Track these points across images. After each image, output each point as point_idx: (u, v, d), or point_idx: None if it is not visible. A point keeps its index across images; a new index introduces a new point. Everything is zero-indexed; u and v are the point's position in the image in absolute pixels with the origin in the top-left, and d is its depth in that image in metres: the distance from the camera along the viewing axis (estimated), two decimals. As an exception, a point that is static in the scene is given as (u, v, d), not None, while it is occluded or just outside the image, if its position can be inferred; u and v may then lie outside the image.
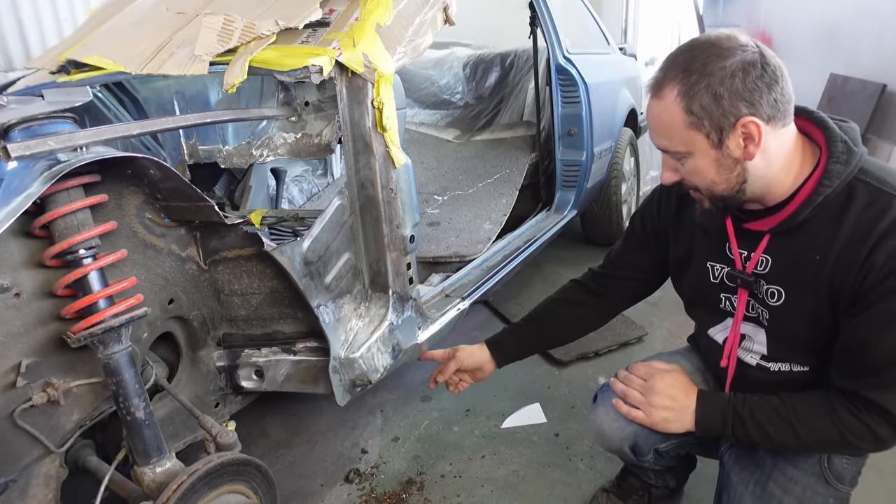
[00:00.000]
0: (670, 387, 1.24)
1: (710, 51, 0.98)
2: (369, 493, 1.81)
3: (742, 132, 0.99)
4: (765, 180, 1.05)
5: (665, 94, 1.02)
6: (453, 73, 3.88)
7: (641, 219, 1.42)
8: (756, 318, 1.21)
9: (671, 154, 1.08)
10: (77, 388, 1.18)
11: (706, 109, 0.98)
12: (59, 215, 1.07)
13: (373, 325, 1.62)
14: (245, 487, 1.28)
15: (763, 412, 1.13)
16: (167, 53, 1.52)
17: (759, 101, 0.97)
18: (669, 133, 1.04)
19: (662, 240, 1.37)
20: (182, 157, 2.07)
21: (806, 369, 1.18)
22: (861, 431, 1.05)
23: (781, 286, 1.13)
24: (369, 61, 1.46)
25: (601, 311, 1.55)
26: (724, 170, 1.04)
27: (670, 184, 1.13)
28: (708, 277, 1.25)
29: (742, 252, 1.17)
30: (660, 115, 1.05)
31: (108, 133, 1.13)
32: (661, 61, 1.06)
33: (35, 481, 1.16)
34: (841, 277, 1.03)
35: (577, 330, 1.57)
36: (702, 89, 0.97)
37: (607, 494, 1.65)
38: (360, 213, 1.57)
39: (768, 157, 1.02)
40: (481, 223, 2.76)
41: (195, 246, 1.43)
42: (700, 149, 1.03)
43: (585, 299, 1.53)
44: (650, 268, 1.44)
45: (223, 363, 1.58)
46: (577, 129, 2.89)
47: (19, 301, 1.09)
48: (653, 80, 1.05)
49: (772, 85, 0.97)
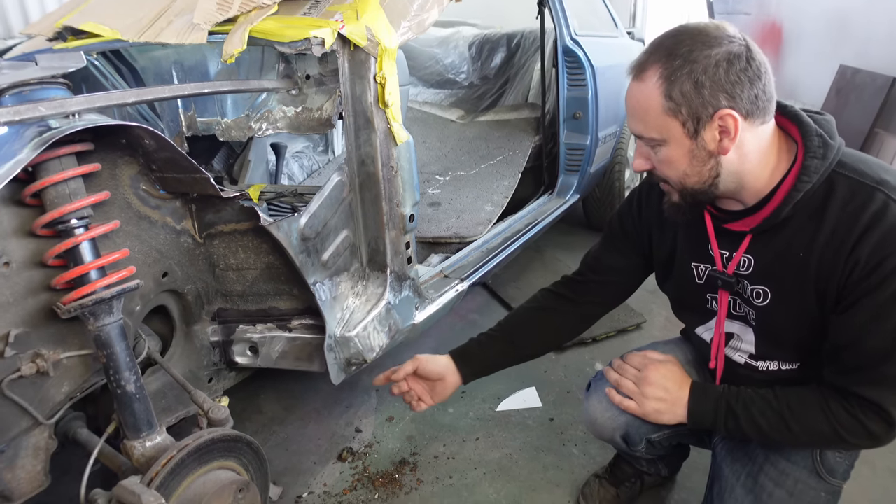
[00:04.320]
0: (664, 378, 1.22)
1: (697, 38, 0.96)
2: (362, 471, 1.80)
3: (719, 125, 0.97)
4: (738, 176, 1.02)
5: (646, 76, 0.99)
6: (459, 53, 3.83)
7: (621, 219, 1.37)
8: (743, 318, 1.19)
9: (645, 140, 1.05)
10: (67, 360, 1.17)
11: (686, 96, 0.96)
12: (51, 183, 1.05)
13: (370, 303, 1.60)
14: (236, 464, 1.28)
15: (756, 406, 1.12)
16: (165, 21, 1.48)
17: (740, 94, 0.95)
18: (645, 117, 1.02)
19: (645, 240, 1.34)
20: (180, 128, 2.04)
21: (794, 367, 1.17)
22: (854, 428, 1.04)
23: (766, 286, 1.11)
24: (372, 35, 1.43)
25: (577, 319, 1.45)
26: (697, 162, 1.01)
27: (641, 171, 1.11)
28: (693, 278, 1.23)
29: (723, 252, 1.15)
30: (637, 98, 1.02)
31: (101, 100, 1.10)
32: (648, 44, 1.03)
33: (24, 452, 1.16)
34: (826, 273, 1.01)
35: (550, 339, 1.45)
36: (684, 75, 0.95)
37: (600, 481, 1.64)
38: (360, 190, 1.54)
39: (743, 153, 1.00)
40: (482, 205, 2.74)
41: (191, 219, 1.40)
42: (674, 137, 1.00)
43: (560, 306, 1.43)
44: (629, 269, 1.39)
45: (217, 338, 1.56)
46: (583, 112, 2.86)
47: (8, 270, 1.07)
48: (635, 61, 1.02)
49: (754, 80, 0.95)
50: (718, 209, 1.13)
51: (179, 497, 1.14)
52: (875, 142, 4.86)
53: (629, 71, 1.03)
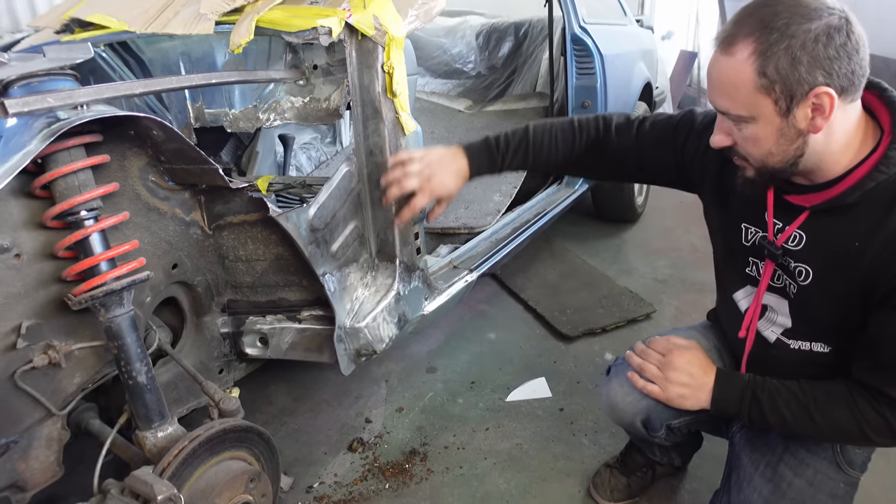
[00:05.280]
0: (689, 363, 1.20)
1: (795, 10, 0.89)
2: (372, 462, 1.81)
3: (813, 102, 0.92)
4: (821, 156, 0.98)
5: (737, 50, 0.92)
6: (466, 42, 3.80)
7: (686, 138, 1.28)
8: (782, 290, 1.15)
9: (731, 117, 1.00)
10: (79, 351, 1.17)
11: (781, 73, 0.90)
12: (60, 175, 1.05)
13: (379, 294, 1.60)
14: (247, 454, 1.28)
15: (781, 397, 1.10)
16: (172, 12, 1.48)
17: (838, 70, 0.89)
18: (734, 94, 0.95)
19: (695, 170, 1.27)
20: (188, 120, 2.04)
21: (827, 350, 1.14)
22: (880, 426, 1.03)
23: (810, 266, 1.08)
24: (380, 24, 1.41)
25: (590, 157, 1.39)
26: (785, 140, 0.96)
27: (720, 147, 1.05)
28: (740, 238, 1.20)
29: (777, 223, 1.11)
30: (727, 73, 0.95)
31: (109, 91, 1.10)
32: (735, 13, 0.96)
33: (37, 443, 1.16)
34: (880, 270, 0.98)
35: (560, 154, 1.39)
36: (780, 51, 0.89)
37: (611, 470, 1.64)
38: (368, 181, 1.54)
39: (831, 132, 0.95)
40: (491, 195, 2.72)
41: (200, 210, 1.40)
42: (764, 115, 0.95)
43: (583, 135, 1.38)
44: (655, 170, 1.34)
45: (227, 329, 1.57)
46: (592, 101, 2.83)
47: (19, 262, 1.07)
48: (723, 32, 0.96)
49: (853, 55, 0.90)
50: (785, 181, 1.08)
51: (191, 487, 1.15)
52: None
53: (715, 42, 0.97)
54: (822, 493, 1.17)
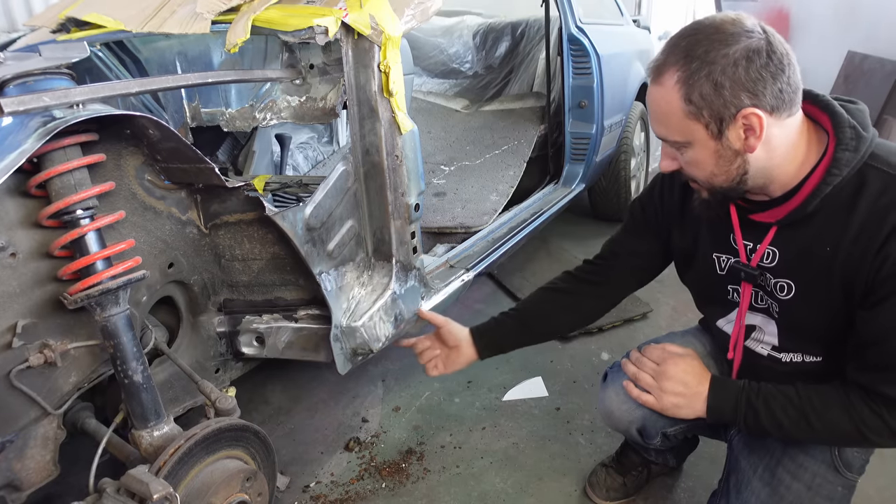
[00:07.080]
0: (683, 372, 1.20)
1: (714, 36, 0.93)
2: (369, 461, 1.81)
3: (743, 123, 0.94)
4: (767, 171, 1.01)
5: (664, 80, 0.97)
6: (463, 42, 3.80)
7: (642, 206, 1.36)
8: (766, 310, 1.17)
9: (670, 143, 1.04)
10: (74, 350, 1.17)
11: (706, 99, 0.93)
12: (56, 174, 1.05)
13: (375, 293, 1.60)
14: (243, 453, 1.28)
15: (777, 402, 1.10)
16: (169, 11, 1.48)
17: (763, 91, 0.92)
18: (667, 121, 1.00)
19: (664, 229, 1.33)
20: (184, 119, 2.04)
21: (819, 360, 1.15)
22: (878, 426, 1.03)
23: (791, 279, 1.09)
24: (376, 23, 1.42)
25: (597, 301, 1.46)
26: (724, 162, 0.99)
27: (669, 171, 1.09)
28: (715, 269, 1.22)
29: (747, 244, 1.13)
30: (658, 102, 1.00)
31: (105, 90, 1.10)
32: (663, 44, 1.01)
33: (33, 442, 1.16)
34: (854, 268, 0.99)
35: (568, 321, 1.48)
36: (702, 77, 0.92)
37: (606, 469, 1.64)
38: (365, 180, 1.54)
39: (771, 147, 0.98)
40: (488, 194, 2.73)
41: (196, 209, 1.40)
42: (699, 139, 0.98)
43: (580, 288, 1.44)
44: (650, 254, 1.39)
45: (224, 329, 1.57)
46: (588, 101, 2.84)
47: (15, 261, 1.07)
48: (654, 62, 1.00)
49: (777, 74, 0.92)
50: (744, 199, 1.11)
51: (187, 486, 1.15)
52: (884, 129, 4.82)
53: (647, 73, 1.02)
54: (819, 497, 1.17)
